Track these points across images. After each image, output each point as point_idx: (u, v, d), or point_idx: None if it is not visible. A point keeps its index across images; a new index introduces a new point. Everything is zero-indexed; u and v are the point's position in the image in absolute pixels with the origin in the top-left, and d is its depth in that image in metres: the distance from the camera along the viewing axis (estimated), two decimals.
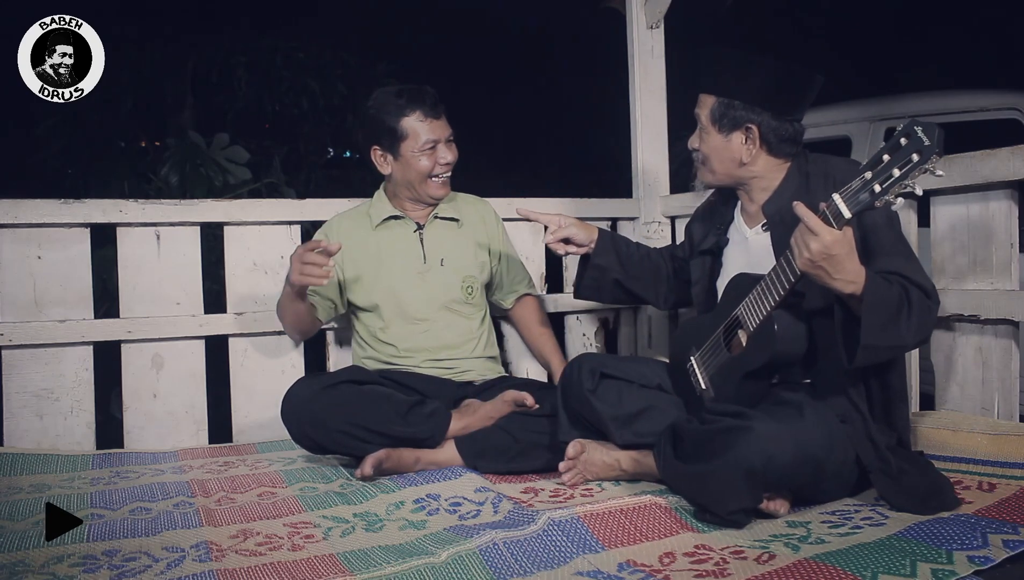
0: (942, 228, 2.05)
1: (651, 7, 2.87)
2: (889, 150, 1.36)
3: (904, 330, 1.47)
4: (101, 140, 5.35)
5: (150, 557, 1.44)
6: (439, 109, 2.20)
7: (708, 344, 1.77)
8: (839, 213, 1.40)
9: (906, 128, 1.34)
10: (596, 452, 1.85)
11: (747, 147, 1.74)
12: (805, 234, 1.43)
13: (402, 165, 2.21)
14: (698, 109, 1.79)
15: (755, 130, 1.72)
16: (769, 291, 1.56)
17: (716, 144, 1.77)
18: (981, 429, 1.81)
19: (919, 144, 1.32)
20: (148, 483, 1.94)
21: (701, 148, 1.80)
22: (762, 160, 1.75)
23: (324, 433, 1.97)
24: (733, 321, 1.69)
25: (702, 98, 1.78)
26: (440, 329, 2.25)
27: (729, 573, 1.30)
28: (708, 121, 1.77)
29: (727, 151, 1.76)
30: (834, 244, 1.40)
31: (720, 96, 1.74)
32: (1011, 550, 1.29)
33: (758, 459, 1.44)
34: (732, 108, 1.73)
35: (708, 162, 1.80)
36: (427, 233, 2.29)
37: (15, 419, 2.22)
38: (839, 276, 1.43)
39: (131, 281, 2.35)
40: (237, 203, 2.50)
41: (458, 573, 1.33)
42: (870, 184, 1.37)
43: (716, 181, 1.83)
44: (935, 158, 1.31)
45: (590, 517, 1.52)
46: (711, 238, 1.92)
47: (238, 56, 5.68)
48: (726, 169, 1.78)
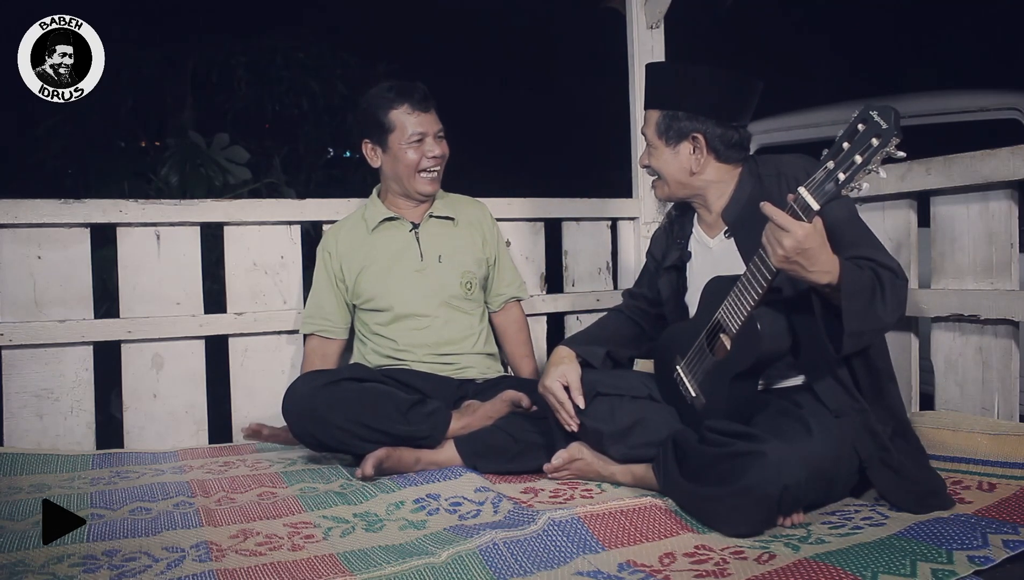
0: (942, 228, 2.05)
1: (651, 7, 2.87)
2: (848, 137, 1.37)
3: (881, 311, 1.50)
4: (101, 140, 5.35)
5: (150, 557, 1.44)
6: (428, 103, 2.22)
7: (692, 350, 1.75)
8: (807, 206, 1.41)
9: (861, 114, 1.36)
10: (592, 462, 1.85)
11: (695, 156, 1.77)
12: (776, 232, 1.43)
13: (391, 158, 2.23)
14: (643, 127, 1.83)
15: (701, 139, 1.75)
16: (746, 292, 1.56)
17: (665, 157, 1.79)
18: (981, 429, 1.81)
19: (877, 128, 1.33)
20: (148, 483, 1.94)
21: (652, 164, 1.83)
22: (712, 167, 1.78)
23: (325, 429, 1.97)
24: (715, 325, 1.68)
25: (647, 115, 1.81)
26: (440, 325, 2.25)
27: (729, 573, 1.30)
28: (655, 135, 1.79)
29: (676, 162, 1.79)
30: (806, 237, 1.41)
31: (664, 109, 1.77)
32: (1011, 550, 1.29)
33: (773, 487, 1.43)
34: (676, 120, 1.76)
35: (662, 177, 1.82)
36: (423, 232, 2.30)
37: (15, 419, 2.22)
38: (814, 268, 1.44)
39: (131, 281, 2.35)
40: (237, 203, 2.50)
41: (458, 573, 1.33)
42: (834, 173, 1.38)
43: (671, 194, 1.84)
44: (895, 140, 1.32)
45: (590, 517, 1.52)
46: (673, 253, 1.92)
47: (238, 56, 5.67)
48: (678, 180, 1.80)
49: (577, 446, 1.87)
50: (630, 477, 1.79)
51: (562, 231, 2.86)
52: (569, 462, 1.87)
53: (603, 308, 2.89)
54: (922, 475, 1.59)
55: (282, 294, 2.50)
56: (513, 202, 2.72)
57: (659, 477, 1.68)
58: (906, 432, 1.68)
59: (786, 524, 1.51)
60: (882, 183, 2.19)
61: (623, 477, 1.81)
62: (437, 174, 2.27)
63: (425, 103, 2.22)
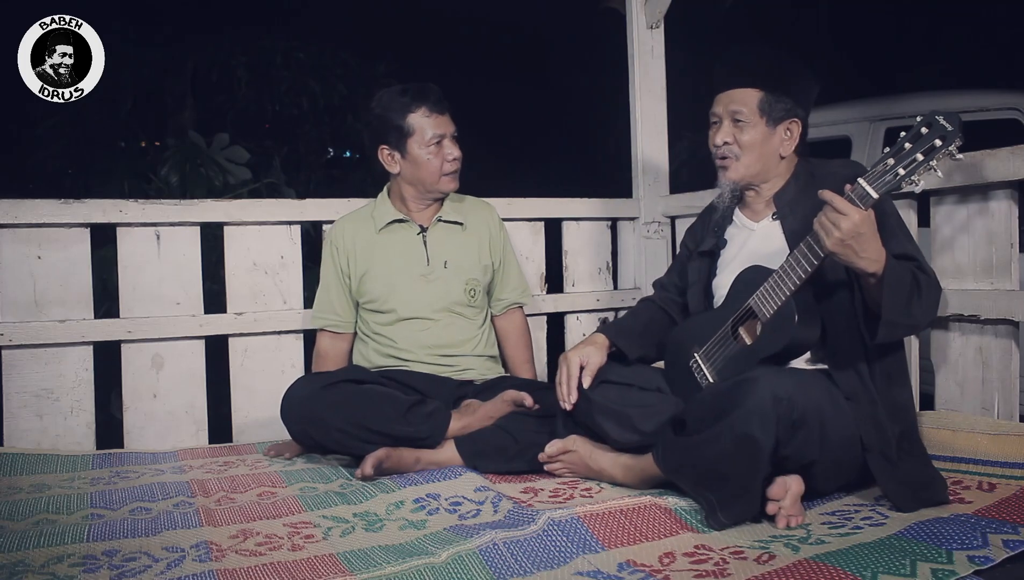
0: (942, 228, 2.05)
1: (651, 7, 2.87)
2: (911, 139, 1.47)
3: (917, 309, 1.56)
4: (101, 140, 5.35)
5: (150, 557, 1.44)
6: (443, 105, 2.22)
7: (714, 339, 1.78)
8: (865, 194, 1.48)
9: (927, 118, 1.47)
10: (587, 454, 1.85)
11: (788, 140, 1.81)
12: (833, 215, 1.49)
13: (411, 162, 2.22)
14: (734, 105, 1.80)
15: (798, 124, 1.80)
16: (788, 277, 1.60)
17: (759, 136, 1.80)
18: (981, 429, 1.81)
19: (942, 130, 1.44)
20: (148, 483, 1.94)
21: (741, 139, 1.80)
22: (789, 156, 1.83)
23: (324, 432, 1.97)
24: (745, 312, 1.70)
25: (740, 93, 1.80)
26: (442, 328, 2.25)
27: (729, 573, 1.30)
28: (755, 112, 1.79)
29: (769, 144, 1.80)
30: (862, 223, 1.47)
31: (769, 91, 1.78)
32: (1011, 550, 1.29)
33: (767, 401, 1.46)
34: (782, 102, 1.79)
35: (744, 156, 1.81)
36: (430, 236, 2.29)
37: (15, 419, 2.22)
38: (865, 254, 1.50)
39: (131, 281, 2.35)
40: (237, 203, 2.50)
41: (458, 573, 1.33)
42: (894, 168, 1.47)
43: (747, 176, 1.83)
44: (958, 142, 1.43)
45: (590, 517, 1.52)
46: (709, 240, 1.95)
47: (238, 56, 5.68)
48: (764, 162, 1.82)
49: (573, 438, 1.87)
50: (620, 470, 1.79)
51: (562, 231, 2.86)
52: (563, 452, 1.87)
53: (603, 308, 2.90)
54: (921, 472, 1.60)
55: (282, 294, 2.50)
56: (513, 202, 2.72)
57: (657, 451, 1.67)
58: (912, 435, 1.69)
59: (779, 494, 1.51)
60: None
61: (613, 470, 1.80)
62: (457, 173, 2.27)
63: (441, 105, 2.21)
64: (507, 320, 2.43)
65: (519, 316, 2.46)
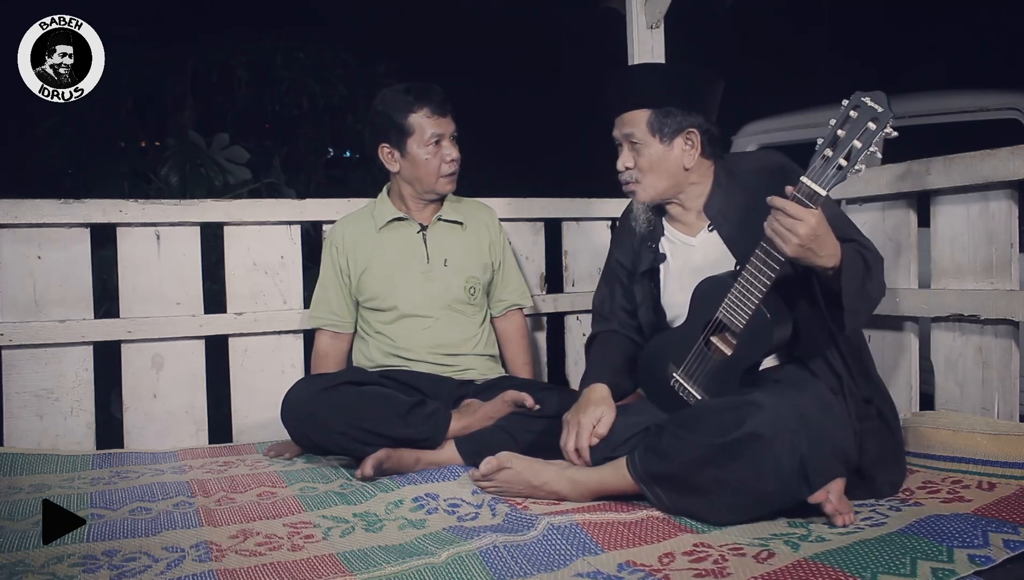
0: (942, 228, 2.05)
1: (651, 7, 2.87)
2: (841, 125, 1.43)
3: (871, 289, 1.57)
4: (101, 140, 5.35)
5: (150, 557, 1.44)
6: (446, 107, 2.22)
7: (691, 356, 1.72)
8: (813, 193, 1.45)
9: (853, 101, 1.43)
10: (525, 469, 1.73)
11: (689, 152, 1.76)
12: (788, 221, 1.46)
13: (409, 161, 2.22)
14: (626, 128, 1.78)
15: (696, 133, 1.75)
16: (752, 285, 1.57)
17: (657, 155, 1.76)
18: (981, 429, 1.81)
19: (872, 112, 1.41)
20: (148, 483, 1.94)
21: (639, 164, 1.78)
22: (698, 164, 1.78)
23: (324, 434, 1.97)
24: (715, 325, 1.66)
25: (629, 116, 1.77)
26: (442, 327, 2.25)
27: (729, 572, 1.30)
28: (646, 133, 1.76)
29: (669, 160, 1.76)
30: (819, 225, 1.45)
31: (654, 108, 1.75)
32: (1012, 550, 1.29)
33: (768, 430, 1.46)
34: (671, 115, 1.74)
35: (645, 177, 1.78)
36: (430, 234, 2.29)
37: (15, 419, 2.22)
38: (824, 253, 1.49)
39: (131, 281, 2.35)
40: (237, 203, 2.50)
41: (458, 573, 1.33)
42: (834, 160, 1.44)
43: (655, 196, 1.80)
44: (891, 121, 1.40)
45: (589, 525, 1.52)
46: (646, 258, 1.88)
47: (238, 56, 5.67)
48: (670, 179, 1.78)
49: (507, 454, 1.75)
50: (567, 483, 1.70)
51: (562, 231, 2.86)
52: (498, 469, 1.73)
53: None
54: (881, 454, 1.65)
55: (282, 294, 2.50)
56: (513, 202, 2.72)
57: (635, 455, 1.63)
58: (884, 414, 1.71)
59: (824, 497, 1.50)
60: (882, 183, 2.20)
61: (558, 484, 1.70)
62: (455, 175, 2.27)
63: (443, 106, 2.21)
64: (507, 322, 2.43)
65: (519, 318, 2.45)
